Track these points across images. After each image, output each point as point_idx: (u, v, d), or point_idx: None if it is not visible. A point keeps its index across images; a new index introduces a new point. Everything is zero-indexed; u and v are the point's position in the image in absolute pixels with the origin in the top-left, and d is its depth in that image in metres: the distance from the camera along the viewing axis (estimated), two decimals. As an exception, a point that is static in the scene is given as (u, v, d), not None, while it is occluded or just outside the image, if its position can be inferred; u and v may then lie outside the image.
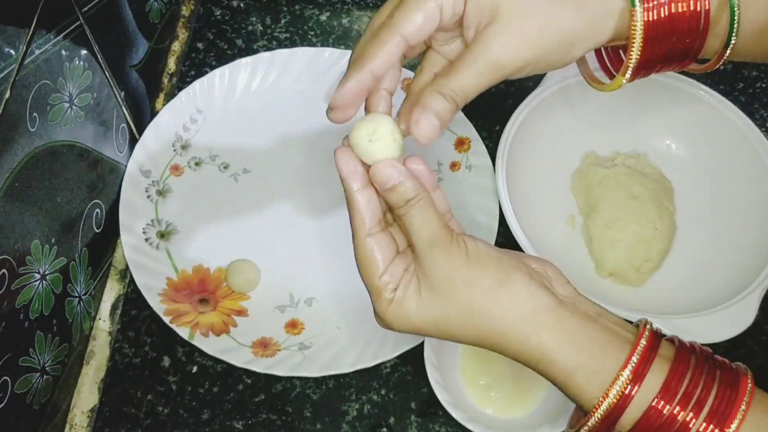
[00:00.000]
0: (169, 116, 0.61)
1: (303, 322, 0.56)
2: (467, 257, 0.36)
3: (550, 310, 0.35)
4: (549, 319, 0.35)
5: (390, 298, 0.37)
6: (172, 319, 0.52)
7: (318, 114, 0.65)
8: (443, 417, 0.53)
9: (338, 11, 0.72)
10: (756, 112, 0.68)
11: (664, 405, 0.33)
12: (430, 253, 0.36)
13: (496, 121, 0.60)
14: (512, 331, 0.36)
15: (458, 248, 0.36)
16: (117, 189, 0.57)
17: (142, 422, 0.52)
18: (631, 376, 0.34)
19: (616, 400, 0.34)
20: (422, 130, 0.36)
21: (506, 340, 0.36)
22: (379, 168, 0.36)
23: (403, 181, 0.36)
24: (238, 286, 0.56)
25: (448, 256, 0.36)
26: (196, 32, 0.70)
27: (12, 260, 0.42)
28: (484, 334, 0.36)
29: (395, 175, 0.36)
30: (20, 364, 0.44)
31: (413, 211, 0.36)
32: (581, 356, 0.35)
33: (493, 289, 0.35)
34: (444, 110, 0.36)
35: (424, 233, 0.36)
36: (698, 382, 0.33)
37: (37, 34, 0.42)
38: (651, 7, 0.37)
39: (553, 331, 0.35)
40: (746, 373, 0.34)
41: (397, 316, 0.37)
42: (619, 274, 0.58)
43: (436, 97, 0.36)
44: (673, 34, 0.38)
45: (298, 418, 0.53)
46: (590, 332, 0.35)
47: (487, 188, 0.59)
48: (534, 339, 0.35)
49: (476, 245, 0.37)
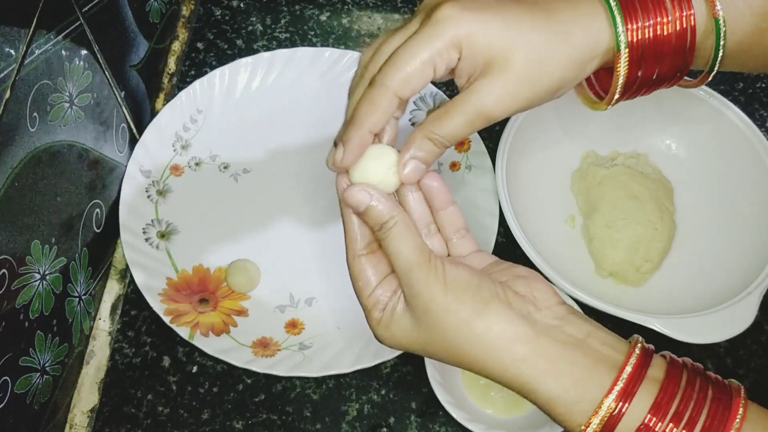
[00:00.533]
0: (169, 116, 0.61)
1: (303, 322, 0.56)
2: (444, 285, 0.36)
3: (527, 341, 0.35)
4: (525, 351, 0.35)
5: (378, 317, 0.38)
6: (172, 319, 0.52)
7: (318, 114, 0.65)
8: (443, 417, 0.53)
9: (338, 11, 0.72)
10: (756, 112, 0.68)
11: (656, 422, 0.33)
12: (408, 278, 0.36)
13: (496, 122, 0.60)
14: (491, 360, 0.36)
15: (435, 275, 0.36)
16: (117, 189, 0.57)
17: (142, 422, 0.52)
18: (614, 404, 0.33)
19: (599, 428, 0.33)
20: (408, 172, 0.38)
21: (487, 370, 0.36)
22: (350, 192, 0.37)
23: (375, 205, 0.37)
24: (238, 286, 0.56)
25: (426, 283, 0.36)
26: (196, 32, 0.70)
27: (12, 260, 0.42)
28: (467, 362, 0.37)
29: (366, 199, 0.37)
30: (20, 364, 0.44)
31: (390, 236, 0.37)
32: (562, 385, 0.35)
33: (470, 319, 0.35)
34: (431, 155, 0.38)
35: (402, 258, 0.36)
36: (689, 400, 0.33)
37: (37, 34, 0.42)
38: (635, 29, 0.38)
39: (531, 362, 0.35)
40: (739, 390, 0.34)
41: (385, 335, 0.38)
42: (619, 274, 0.58)
43: (426, 143, 0.38)
44: (659, 56, 0.39)
45: (298, 418, 0.53)
46: (573, 359, 0.35)
47: (487, 188, 0.59)
48: (513, 370, 0.35)
49: (456, 272, 0.36)
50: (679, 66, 0.40)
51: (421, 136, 0.38)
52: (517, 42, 0.36)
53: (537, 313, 0.36)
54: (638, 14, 0.38)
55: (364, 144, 0.37)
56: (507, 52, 0.36)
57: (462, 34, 0.36)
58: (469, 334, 0.35)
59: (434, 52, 0.36)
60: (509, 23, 0.36)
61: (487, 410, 0.52)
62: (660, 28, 0.38)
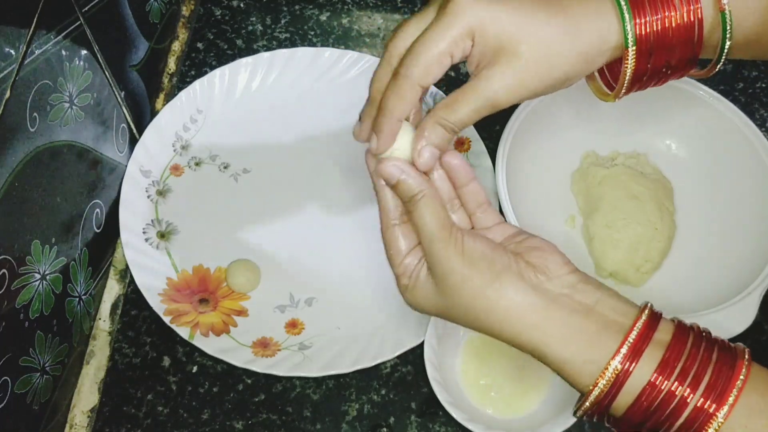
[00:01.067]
0: (169, 116, 0.61)
1: (303, 322, 0.56)
2: (462, 255, 0.38)
3: (537, 309, 0.37)
4: (536, 319, 0.37)
5: (406, 283, 0.41)
6: (172, 319, 0.52)
7: (318, 114, 0.65)
8: (443, 417, 0.53)
9: (338, 11, 0.72)
10: (756, 112, 0.68)
11: (663, 380, 0.34)
12: (430, 248, 0.39)
13: (496, 121, 0.60)
14: (504, 327, 0.38)
15: (455, 246, 0.38)
16: (117, 189, 0.57)
17: (142, 422, 0.52)
18: (620, 365, 0.35)
19: (606, 388, 0.35)
20: (424, 159, 0.40)
21: (502, 335, 0.39)
22: (383, 166, 0.40)
23: (405, 178, 0.39)
24: (238, 286, 0.56)
25: (446, 253, 0.38)
26: (196, 32, 0.70)
27: (12, 260, 0.42)
28: (483, 327, 0.39)
29: (396, 173, 0.40)
30: (20, 364, 0.44)
31: (417, 208, 0.39)
32: (571, 350, 0.37)
33: (484, 288, 0.38)
34: (444, 141, 0.40)
35: (426, 229, 0.39)
36: (695, 359, 0.35)
37: (37, 34, 0.42)
38: (643, 23, 0.39)
39: (541, 329, 0.37)
40: (744, 353, 0.36)
41: (411, 300, 0.41)
42: (620, 274, 0.58)
43: (437, 129, 0.40)
44: (667, 49, 0.40)
45: (298, 418, 0.53)
46: (581, 325, 0.37)
47: (487, 188, 0.59)
48: (524, 336, 0.38)
49: (474, 243, 0.39)
50: (687, 58, 0.41)
51: (432, 123, 0.40)
52: (526, 33, 0.38)
53: (548, 283, 0.38)
54: (646, 9, 0.39)
55: (395, 132, 0.40)
56: (516, 43, 0.38)
57: (474, 22, 0.37)
58: (483, 302, 0.38)
59: (450, 42, 0.38)
60: (520, 14, 0.38)
61: (487, 410, 0.52)
62: (668, 20, 0.39)
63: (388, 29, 0.72)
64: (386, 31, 0.72)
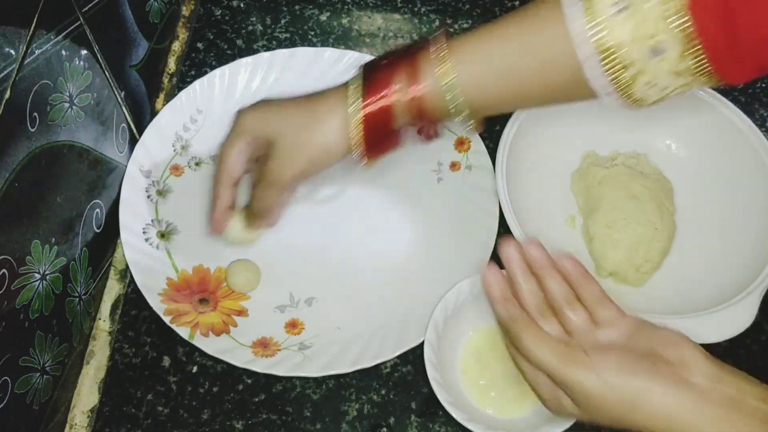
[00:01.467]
0: (169, 116, 0.61)
1: (303, 322, 0.56)
2: (597, 382, 0.40)
3: (690, 409, 0.39)
4: (691, 418, 0.39)
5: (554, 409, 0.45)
6: (172, 319, 0.52)
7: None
8: (443, 417, 0.53)
9: (338, 11, 0.72)
10: (756, 112, 0.68)
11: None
12: (557, 376, 0.42)
13: (496, 121, 0.60)
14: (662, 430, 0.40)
15: (584, 369, 0.41)
16: (117, 189, 0.57)
17: (142, 422, 0.52)
18: None
19: None
20: (260, 234, 0.55)
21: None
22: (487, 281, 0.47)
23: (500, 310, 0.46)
24: (238, 286, 0.56)
25: (578, 379, 0.41)
26: (196, 32, 0.70)
27: (12, 260, 0.42)
28: (635, 428, 0.41)
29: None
30: (20, 364, 0.44)
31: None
32: None
33: (636, 402, 0.40)
34: (267, 220, 0.53)
35: (544, 363, 0.43)
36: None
37: (37, 34, 0.42)
38: (368, 104, 0.46)
39: (698, 427, 0.39)
40: None
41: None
42: (620, 274, 0.58)
43: (255, 218, 0.53)
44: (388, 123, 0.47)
45: (298, 418, 0.53)
46: (734, 418, 0.38)
47: (487, 188, 0.59)
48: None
49: (606, 362, 0.41)
50: (419, 124, 0.48)
51: (247, 214, 0.53)
52: (281, 128, 0.48)
53: (692, 378, 0.40)
54: (371, 95, 0.46)
55: (227, 213, 0.53)
56: (277, 136, 0.48)
57: (249, 128, 0.50)
58: (635, 415, 0.40)
59: (238, 148, 0.51)
60: (279, 116, 0.49)
61: (487, 410, 0.52)
62: (386, 100, 0.46)
63: (388, 29, 0.72)
64: (386, 31, 0.72)
